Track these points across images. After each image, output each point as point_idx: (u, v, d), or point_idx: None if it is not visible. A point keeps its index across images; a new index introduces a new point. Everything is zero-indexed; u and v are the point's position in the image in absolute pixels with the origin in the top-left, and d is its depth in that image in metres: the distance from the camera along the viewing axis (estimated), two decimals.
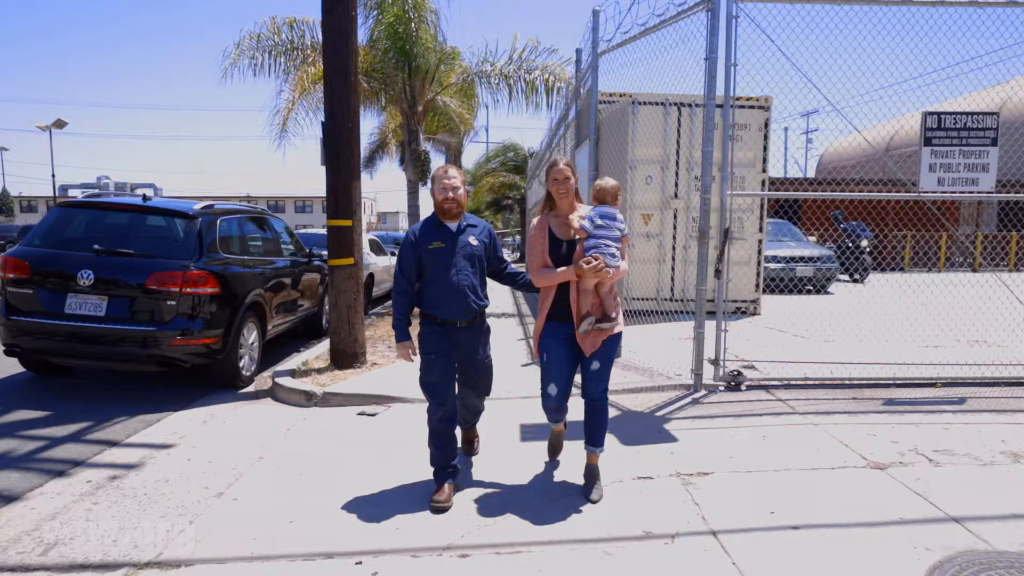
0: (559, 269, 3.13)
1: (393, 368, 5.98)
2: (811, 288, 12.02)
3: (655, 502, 3.18)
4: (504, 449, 3.95)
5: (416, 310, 3.39)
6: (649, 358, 5.86)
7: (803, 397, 4.91)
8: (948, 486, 3.31)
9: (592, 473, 3.31)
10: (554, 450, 3.69)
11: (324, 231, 7.11)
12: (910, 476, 3.44)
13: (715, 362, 5.17)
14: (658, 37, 5.61)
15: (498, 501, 3.24)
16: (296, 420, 4.75)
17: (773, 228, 12.85)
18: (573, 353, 3.21)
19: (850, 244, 14.20)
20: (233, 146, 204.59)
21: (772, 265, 11.42)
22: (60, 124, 29.42)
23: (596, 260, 3.02)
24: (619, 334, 3.25)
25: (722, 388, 5.12)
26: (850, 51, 5.18)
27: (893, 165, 26.56)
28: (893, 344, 6.41)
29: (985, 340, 6.68)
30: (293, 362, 6.29)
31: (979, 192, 4.99)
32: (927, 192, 4.98)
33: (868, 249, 14.26)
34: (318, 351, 6.82)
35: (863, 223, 14.72)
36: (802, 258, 11.76)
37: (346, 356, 5.98)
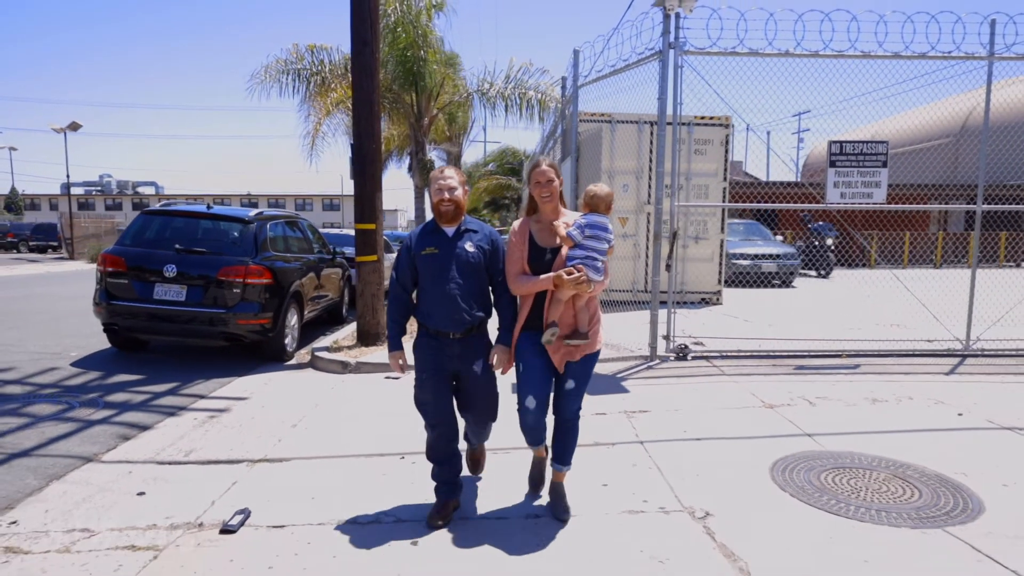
0: (538, 277, 2.97)
1: (410, 345, 7.28)
2: (777, 282, 13.37)
3: (605, 426, 4.50)
4: None
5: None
6: (619, 337, 7.19)
7: (733, 364, 6.26)
8: (813, 417, 4.66)
9: (558, 492, 3.21)
10: (536, 482, 3.41)
11: (327, 231, 8.42)
12: (791, 411, 4.79)
13: (667, 338, 6.50)
14: (628, 73, 6.93)
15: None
16: (336, 383, 6.07)
17: (744, 228, 14.22)
18: (550, 365, 3.05)
19: (816, 243, 15.57)
20: (233, 145, 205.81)
21: (741, 262, 12.78)
22: (75, 126, 30.49)
23: (579, 272, 2.86)
24: (597, 352, 3.09)
25: (672, 358, 6.46)
26: (776, 83, 6.55)
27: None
28: (822, 326, 7.77)
29: (900, 323, 8.03)
30: (325, 341, 7.61)
31: (873, 203, 6.32)
32: (832, 204, 6.32)
33: (833, 247, 15.62)
34: (344, 333, 8.14)
35: (829, 224, 16.08)
36: (767, 255, 13.10)
37: (370, 335, 7.30)
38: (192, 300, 6.28)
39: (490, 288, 3.20)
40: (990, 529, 2.99)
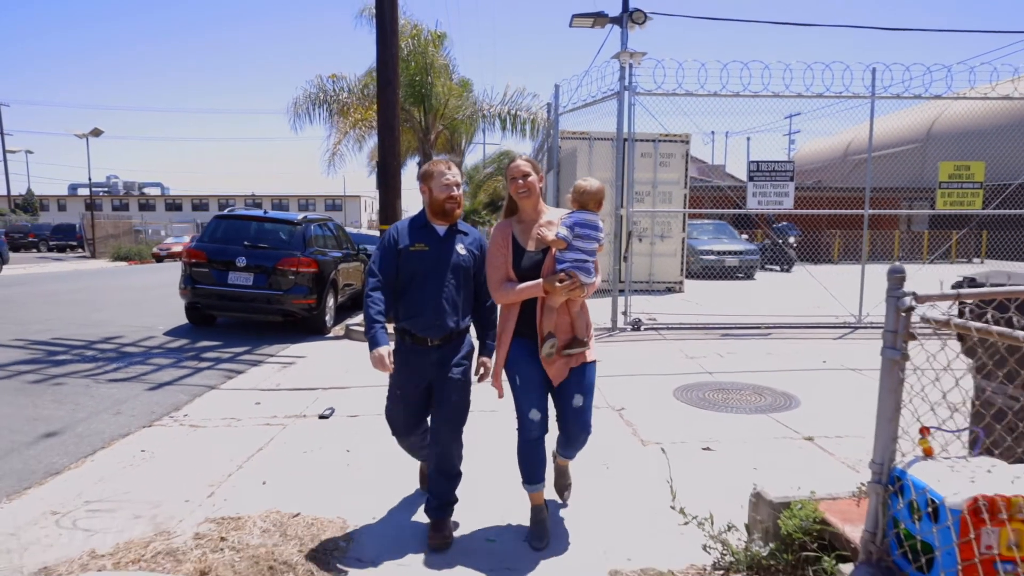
0: (525, 284, 2.76)
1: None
2: (740, 275, 15.23)
3: None
4: None
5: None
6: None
7: (675, 333, 8.12)
8: (718, 363, 6.50)
9: (563, 472, 3.19)
10: (539, 535, 2.94)
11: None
12: (704, 360, 6.64)
13: (624, 314, 8.35)
14: (599, 103, 8.78)
15: None
16: None
17: (713, 228, 16.09)
18: (546, 375, 2.86)
19: (780, 241, 17.42)
20: (237, 146, 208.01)
21: (708, 257, 14.65)
22: (96, 132, 32.37)
23: (571, 278, 2.69)
24: (594, 362, 2.94)
25: (628, 329, 8.31)
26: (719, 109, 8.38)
27: (849, 170, 29.60)
28: (758, 307, 9.62)
29: (820, 305, 9.85)
30: (355, 320, 9.45)
31: (783, 209, 8.17)
32: (752, 209, 8.17)
33: (794, 244, 17.49)
34: None
35: (792, 223, 17.95)
36: (731, 252, 14.97)
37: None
38: (257, 284, 8.13)
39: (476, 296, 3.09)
40: (795, 415, 4.85)
